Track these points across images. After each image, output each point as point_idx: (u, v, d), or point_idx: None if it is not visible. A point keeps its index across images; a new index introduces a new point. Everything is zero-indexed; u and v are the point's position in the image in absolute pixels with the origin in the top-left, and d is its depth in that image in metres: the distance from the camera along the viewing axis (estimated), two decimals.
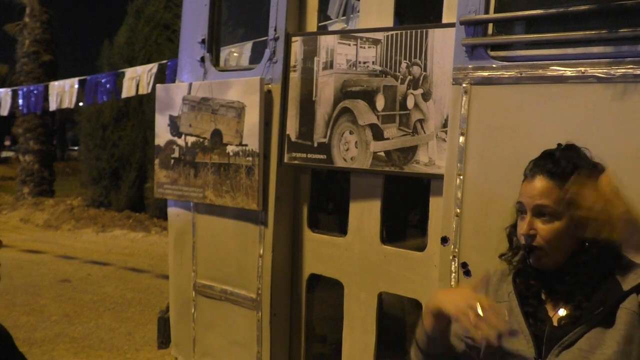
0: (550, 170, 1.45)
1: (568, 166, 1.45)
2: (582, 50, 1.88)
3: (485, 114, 2.08)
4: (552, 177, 1.45)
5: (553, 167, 1.46)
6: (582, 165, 1.46)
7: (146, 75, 8.41)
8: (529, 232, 1.45)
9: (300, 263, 2.89)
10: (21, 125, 15.66)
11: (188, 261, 3.23)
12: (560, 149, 1.52)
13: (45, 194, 15.36)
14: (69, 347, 5.10)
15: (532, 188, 1.47)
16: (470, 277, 2.11)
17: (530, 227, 1.45)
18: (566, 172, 1.43)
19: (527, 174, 1.50)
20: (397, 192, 2.68)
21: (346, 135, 2.57)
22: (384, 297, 2.64)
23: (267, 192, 2.80)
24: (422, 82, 2.34)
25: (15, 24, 15.81)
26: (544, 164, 1.48)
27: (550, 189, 1.44)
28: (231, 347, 3.04)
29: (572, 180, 1.37)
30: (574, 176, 1.39)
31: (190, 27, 3.24)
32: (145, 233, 11.25)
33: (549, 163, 1.47)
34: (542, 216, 1.45)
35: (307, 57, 2.71)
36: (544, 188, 1.44)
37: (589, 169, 1.44)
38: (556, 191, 1.42)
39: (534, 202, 1.45)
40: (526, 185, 1.49)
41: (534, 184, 1.46)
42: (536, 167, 1.49)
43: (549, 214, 1.43)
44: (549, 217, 1.44)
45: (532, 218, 1.46)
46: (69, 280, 7.50)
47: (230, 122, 2.87)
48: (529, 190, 1.47)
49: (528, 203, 1.46)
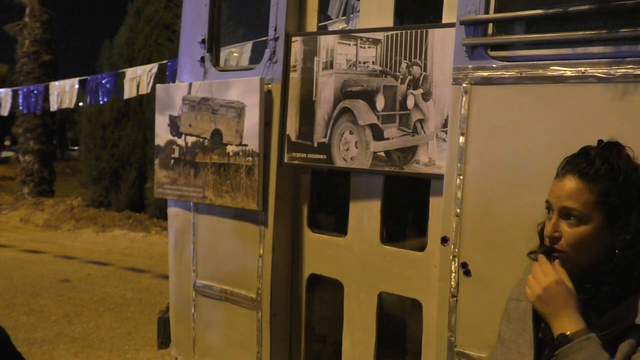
0: (581, 170, 1.37)
1: (602, 167, 1.35)
2: (582, 50, 1.88)
3: (485, 114, 2.08)
4: (582, 178, 1.36)
5: (585, 167, 1.37)
6: (619, 168, 1.36)
7: (146, 75, 8.41)
8: (553, 235, 1.39)
9: (300, 263, 2.89)
10: (21, 125, 15.66)
11: (188, 261, 3.23)
12: (598, 147, 1.42)
13: (45, 194, 15.36)
14: (69, 347, 5.09)
15: (560, 188, 1.39)
16: (470, 277, 2.11)
17: (555, 229, 1.39)
18: (599, 174, 1.35)
19: (558, 172, 1.42)
20: (397, 192, 2.68)
21: (346, 135, 2.57)
22: (384, 297, 2.64)
23: (267, 192, 2.80)
24: (422, 82, 2.34)
25: (15, 24, 15.81)
26: (577, 162, 1.39)
27: (580, 190, 1.35)
28: (231, 347, 3.04)
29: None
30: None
31: (190, 27, 3.24)
32: (145, 233, 11.25)
33: (582, 162, 1.38)
34: (568, 218, 1.37)
35: (307, 57, 2.71)
36: (573, 189, 1.36)
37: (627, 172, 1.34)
38: (585, 193, 1.34)
39: (561, 203, 1.37)
40: (556, 184, 1.41)
41: (563, 184, 1.38)
42: (568, 165, 1.40)
43: (575, 217, 1.35)
44: (575, 221, 1.36)
45: (558, 219, 1.39)
46: (68, 280, 7.50)
47: (230, 122, 2.87)
48: (557, 189, 1.39)
49: (555, 203, 1.39)
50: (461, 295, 2.13)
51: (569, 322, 1.32)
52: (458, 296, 2.14)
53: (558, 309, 1.34)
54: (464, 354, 2.14)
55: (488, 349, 2.07)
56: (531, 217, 1.95)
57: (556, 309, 1.35)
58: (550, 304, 1.36)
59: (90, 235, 11.33)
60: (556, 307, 1.35)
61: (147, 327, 5.59)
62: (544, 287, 1.36)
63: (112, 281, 7.52)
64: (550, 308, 1.36)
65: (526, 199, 1.96)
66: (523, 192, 1.98)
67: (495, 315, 2.04)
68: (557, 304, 1.35)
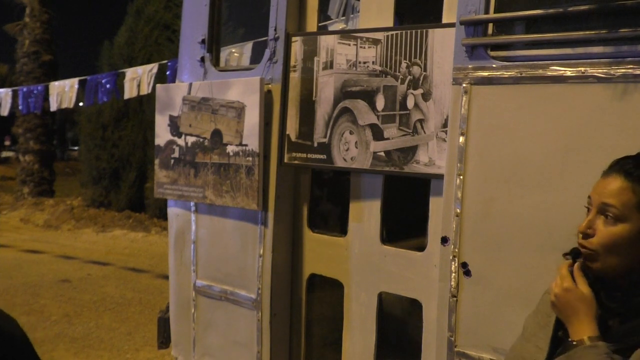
0: (628, 171, 1.36)
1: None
2: (582, 50, 1.88)
3: (485, 114, 2.08)
4: (627, 178, 1.35)
5: (632, 168, 1.35)
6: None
7: (146, 75, 8.42)
8: (586, 231, 1.37)
9: (300, 263, 2.89)
10: (21, 125, 15.66)
11: (188, 261, 3.24)
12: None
13: (45, 194, 15.37)
14: (69, 347, 5.10)
15: (604, 185, 1.38)
16: (470, 277, 2.11)
17: (589, 226, 1.37)
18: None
19: (605, 170, 1.41)
20: (397, 192, 2.68)
21: (346, 135, 2.57)
22: (384, 297, 2.64)
23: (267, 192, 2.80)
24: (422, 82, 2.34)
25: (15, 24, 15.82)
26: (625, 163, 1.38)
27: (622, 189, 1.34)
28: (231, 347, 3.04)
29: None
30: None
31: (190, 27, 3.24)
32: (145, 233, 11.25)
33: (630, 163, 1.38)
34: (605, 216, 1.35)
35: (307, 57, 2.71)
36: (616, 187, 1.35)
37: None
38: (628, 194, 1.33)
39: (601, 199, 1.36)
40: (600, 181, 1.40)
41: (608, 181, 1.37)
42: (616, 165, 1.40)
43: (612, 215, 1.34)
44: (612, 219, 1.34)
45: (595, 216, 1.37)
46: (68, 280, 7.51)
47: (230, 122, 2.87)
48: (600, 186, 1.39)
49: (595, 199, 1.38)
50: (461, 295, 2.13)
51: (578, 328, 1.34)
52: (458, 296, 2.14)
53: (568, 315, 1.37)
54: (464, 354, 2.14)
55: (488, 349, 2.07)
56: (531, 217, 1.96)
57: (567, 315, 1.38)
58: (561, 310, 1.39)
59: (90, 235, 11.33)
60: (567, 314, 1.38)
61: (147, 327, 5.59)
62: (555, 293, 1.40)
63: (112, 281, 7.52)
64: (562, 314, 1.40)
65: (526, 199, 1.97)
66: (523, 192, 1.98)
67: (496, 315, 2.05)
68: (567, 311, 1.38)
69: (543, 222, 1.93)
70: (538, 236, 1.93)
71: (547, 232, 1.92)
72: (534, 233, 1.94)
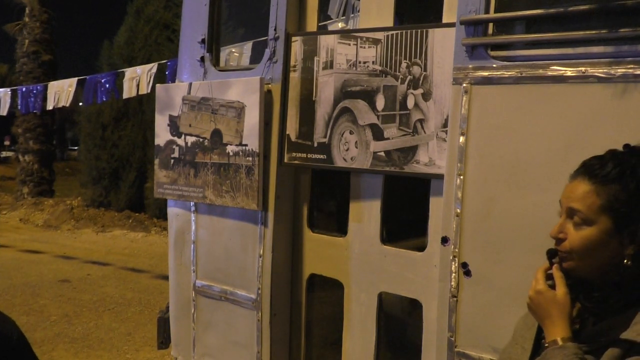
0: (592, 172, 1.34)
1: (613, 171, 1.32)
2: (582, 50, 1.88)
3: (485, 114, 2.08)
4: (591, 180, 1.34)
5: (597, 169, 1.34)
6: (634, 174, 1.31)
7: (146, 75, 8.41)
8: (558, 235, 1.38)
9: (300, 263, 2.89)
10: (21, 125, 15.67)
11: (188, 261, 3.23)
12: (614, 151, 1.38)
13: (45, 194, 15.38)
14: (69, 347, 5.10)
15: (570, 189, 1.38)
16: (470, 277, 2.11)
17: (560, 230, 1.38)
18: (609, 177, 1.32)
19: (572, 173, 1.41)
20: (397, 192, 2.68)
21: (346, 135, 2.57)
22: (384, 297, 2.64)
23: (267, 192, 2.80)
24: (422, 82, 2.34)
25: (15, 24, 15.83)
26: (590, 164, 1.37)
27: (586, 193, 1.33)
28: (231, 347, 3.04)
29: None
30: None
31: (190, 27, 3.24)
32: (145, 233, 11.26)
33: (595, 164, 1.36)
34: (573, 220, 1.35)
35: (307, 57, 2.70)
36: (581, 191, 1.34)
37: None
38: (592, 197, 1.32)
39: (568, 203, 1.36)
40: (568, 185, 1.40)
41: (574, 184, 1.37)
42: (582, 167, 1.39)
43: (580, 220, 1.34)
44: (580, 223, 1.34)
45: (565, 220, 1.38)
46: (68, 280, 7.51)
47: (230, 122, 2.87)
48: (567, 190, 1.39)
49: (564, 203, 1.38)
50: (461, 295, 2.13)
51: (552, 330, 1.36)
52: (458, 296, 2.14)
53: (543, 317, 1.39)
54: (464, 354, 2.14)
55: (488, 349, 2.07)
56: (531, 217, 1.96)
57: (541, 317, 1.39)
58: (535, 312, 1.41)
59: (90, 235, 11.33)
60: (541, 316, 1.39)
61: (147, 327, 5.59)
62: (529, 295, 1.42)
63: (112, 281, 7.52)
64: (536, 316, 1.42)
65: (526, 199, 1.96)
66: (523, 192, 1.98)
67: (496, 316, 2.05)
68: (541, 313, 1.39)
69: (543, 222, 1.92)
70: (538, 236, 1.93)
71: (547, 232, 1.91)
72: (534, 233, 1.94)
